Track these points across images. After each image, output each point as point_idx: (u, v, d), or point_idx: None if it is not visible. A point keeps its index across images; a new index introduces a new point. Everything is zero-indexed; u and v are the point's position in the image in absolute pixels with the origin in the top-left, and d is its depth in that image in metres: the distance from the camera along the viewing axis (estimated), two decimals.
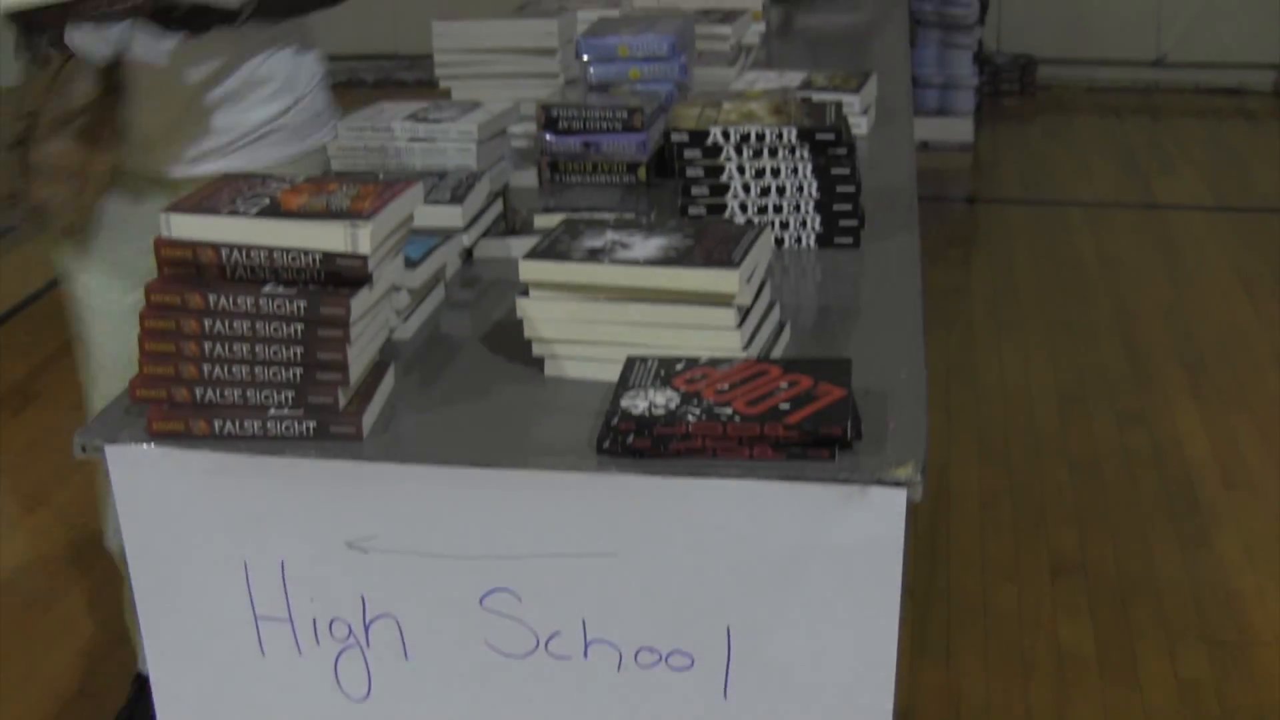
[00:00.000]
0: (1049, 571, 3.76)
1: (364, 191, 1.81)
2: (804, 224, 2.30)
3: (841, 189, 2.28)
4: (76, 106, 2.44)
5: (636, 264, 1.80)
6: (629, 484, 1.63)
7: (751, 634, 1.67)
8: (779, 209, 2.29)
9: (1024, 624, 3.55)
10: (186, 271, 1.76)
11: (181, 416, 1.76)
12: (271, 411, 1.74)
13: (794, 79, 3.05)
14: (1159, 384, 4.85)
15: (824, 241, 2.30)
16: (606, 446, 1.63)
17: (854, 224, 2.30)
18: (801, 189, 2.28)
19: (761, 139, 2.27)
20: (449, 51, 3.01)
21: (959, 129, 7.50)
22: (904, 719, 3.10)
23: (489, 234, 2.36)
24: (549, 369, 1.87)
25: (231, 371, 1.75)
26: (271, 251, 1.72)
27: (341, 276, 1.72)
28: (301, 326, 1.72)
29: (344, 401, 1.74)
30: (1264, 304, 5.49)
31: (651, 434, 1.62)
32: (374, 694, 1.80)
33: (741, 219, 2.30)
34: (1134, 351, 5.11)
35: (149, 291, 1.76)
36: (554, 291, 1.84)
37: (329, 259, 1.71)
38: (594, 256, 1.83)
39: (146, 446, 1.76)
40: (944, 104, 7.52)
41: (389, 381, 1.85)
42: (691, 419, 1.61)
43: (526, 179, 2.69)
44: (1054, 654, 3.42)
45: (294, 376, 1.74)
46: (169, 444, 1.76)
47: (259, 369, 1.74)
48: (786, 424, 1.59)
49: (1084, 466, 4.31)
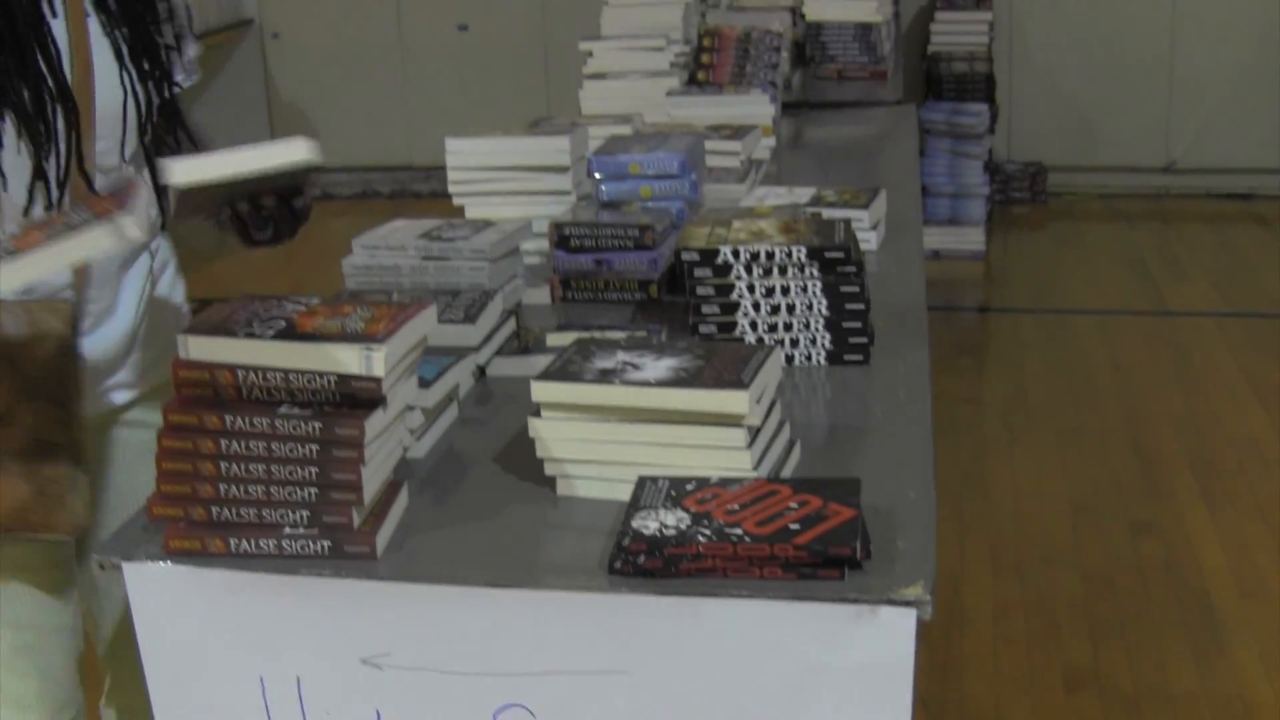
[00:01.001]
0: (1063, 684, 3.76)
1: (378, 314, 1.84)
2: (814, 341, 2.32)
3: (851, 306, 2.30)
4: None
5: (648, 385, 1.82)
6: (640, 603, 1.65)
7: None
8: (789, 326, 2.32)
9: None
10: (203, 393, 1.78)
11: (198, 535, 1.78)
12: (287, 530, 1.76)
13: (804, 195, 3.08)
14: (1172, 492, 4.85)
15: (834, 359, 2.32)
16: (618, 567, 1.65)
17: (863, 341, 2.32)
18: (811, 307, 2.30)
19: (771, 258, 2.29)
20: (462, 169, 3.04)
21: (970, 238, 7.55)
22: None
23: (502, 352, 2.38)
24: (561, 488, 1.89)
25: (247, 491, 1.77)
26: (287, 374, 1.75)
27: (356, 398, 1.75)
28: (316, 447, 1.74)
29: (358, 521, 1.76)
30: (1276, 410, 5.50)
31: (662, 554, 1.63)
32: None
33: (752, 337, 2.32)
34: (1146, 459, 5.12)
35: (167, 412, 1.78)
36: (566, 412, 1.86)
37: (344, 381, 1.73)
38: (605, 378, 1.85)
39: (163, 564, 1.78)
40: (955, 213, 7.57)
41: (403, 500, 1.87)
42: (702, 540, 1.63)
43: (539, 296, 2.71)
44: None
45: (309, 496, 1.76)
46: (185, 562, 1.78)
47: (274, 489, 1.76)
48: (796, 544, 1.61)
49: (1097, 577, 4.31)
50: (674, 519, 1.68)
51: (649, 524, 1.67)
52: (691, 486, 1.75)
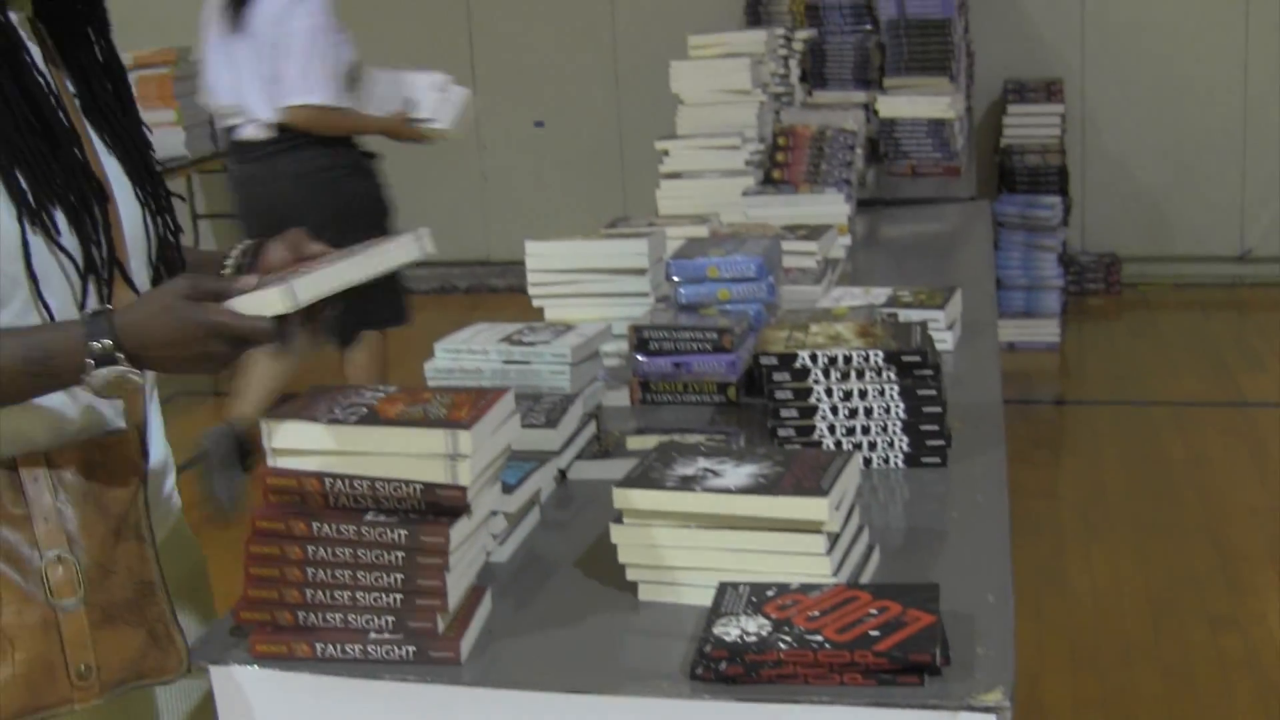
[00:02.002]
0: None
1: (459, 400, 1.87)
2: (891, 444, 2.34)
3: (928, 410, 2.32)
4: None
5: (728, 492, 1.84)
6: (722, 710, 1.66)
7: None
8: (866, 429, 2.34)
9: None
10: (290, 500, 1.82)
11: (284, 639, 1.81)
12: (372, 635, 1.79)
13: (880, 295, 3.10)
14: (1252, 586, 4.82)
15: (911, 461, 2.34)
16: (700, 673, 1.67)
17: (940, 444, 2.34)
18: (889, 410, 2.33)
19: (849, 362, 2.32)
20: (542, 271, 3.08)
21: (1045, 330, 7.54)
22: None
23: (583, 455, 2.41)
24: (643, 594, 1.91)
25: (334, 596, 1.80)
26: (374, 481, 1.78)
27: (441, 506, 1.78)
28: (402, 554, 1.77)
29: (443, 627, 1.78)
30: None
31: (744, 661, 1.65)
32: None
33: (830, 440, 2.35)
34: (1225, 553, 5.08)
35: (255, 519, 1.82)
36: (647, 518, 1.89)
37: (429, 489, 1.76)
38: (686, 484, 1.87)
39: (250, 668, 1.81)
40: (1030, 305, 7.57)
41: (486, 605, 1.89)
42: (783, 646, 1.64)
43: (619, 398, 2.74)
44: None
45: (394, 602, 1.78)
46: (272, 665, 1.81)
47: (360, 594, 1.79)
48: (876, 651, 1.62)
49: (1177, 673, 4.28)
50: (755, 625, 1.70)
51: (730, 630, 1.69)
52: (772, 593, 1.77)
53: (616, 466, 2.22)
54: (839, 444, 2.34)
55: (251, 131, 5.66)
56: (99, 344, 1.77)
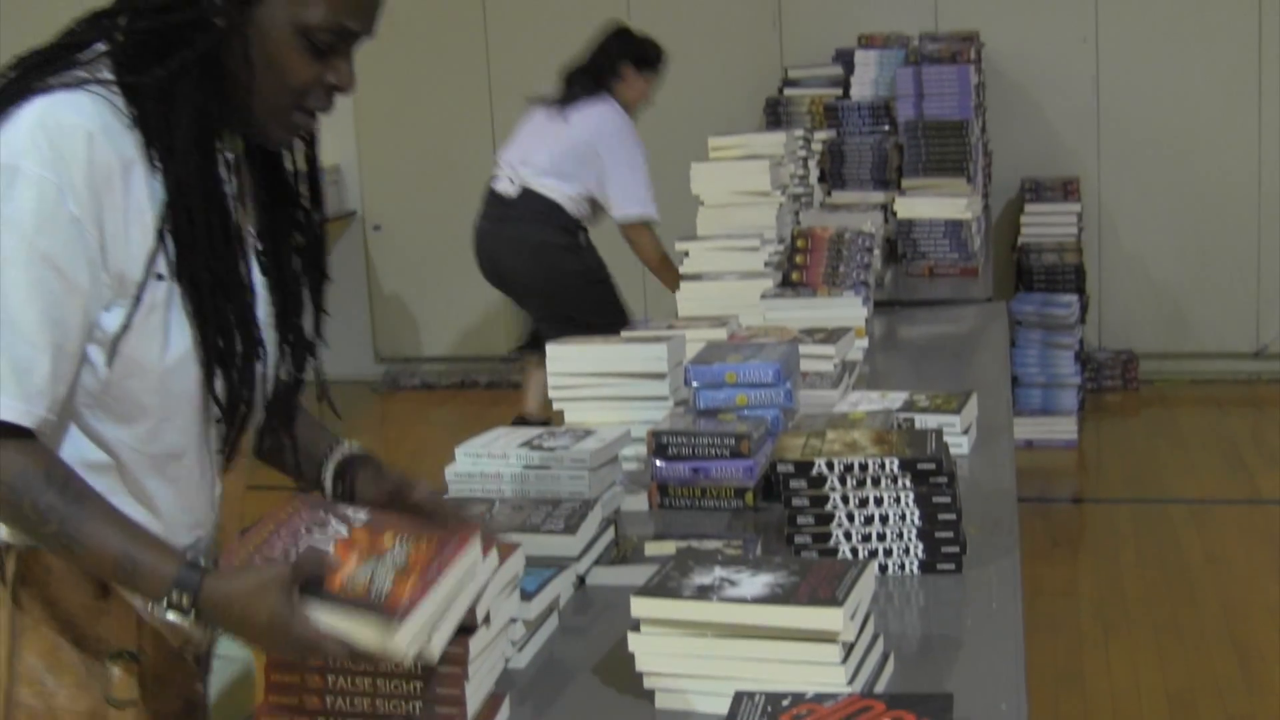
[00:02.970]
0: None
1: (414, 559, 1.81)
2: (906, 550, 2.37)
3: (943, 517, 2.35)
4: None
5: (744, 602, 1.87)
6: None
7: None
8: (882, 536, 2.37)
9: None
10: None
11: None
12: None
13: (896, 400, 3.12)
14: (1270, 685, 4.80)
15: (926, 568, 2.37)
16: None
17: (955, 550, 2.36)
18: (904, 517, 2.35)
19: (865, 469, 2.35)
20: (562, 374, 3.12)
21: (1063, 427, 7.55)
22: None
23: (600, 561, 2.44)
24: (660, 701, 1.93)
25: (353, 704, 1.83)
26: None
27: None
28: (421, 665, 1.80)
29: None
30: None
31: None
32: None
33: (846, 546, 2.37)
34: (1244, 652, 5.07)
35: None
36: (665, 627, 1.91)
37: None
38: (703, 594, 1.90)
39: None
40: (1047, 403, 7.58)
41: (504, 712, 1.92)
42: None
43: (637, 502, 2.77)
44: None
45: (413, 710, 1.82)
46: None
47: (380, 701, 1.82)
48: None
49: None
50: None
51: None
52: (787, 702, 1.79)
53: (634, 573, 2.26)
54: (855, 550, 2.37)
55: (504, 186, 6.79)
56: (179, 595, 1.81)
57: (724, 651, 1.89)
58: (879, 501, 2.36)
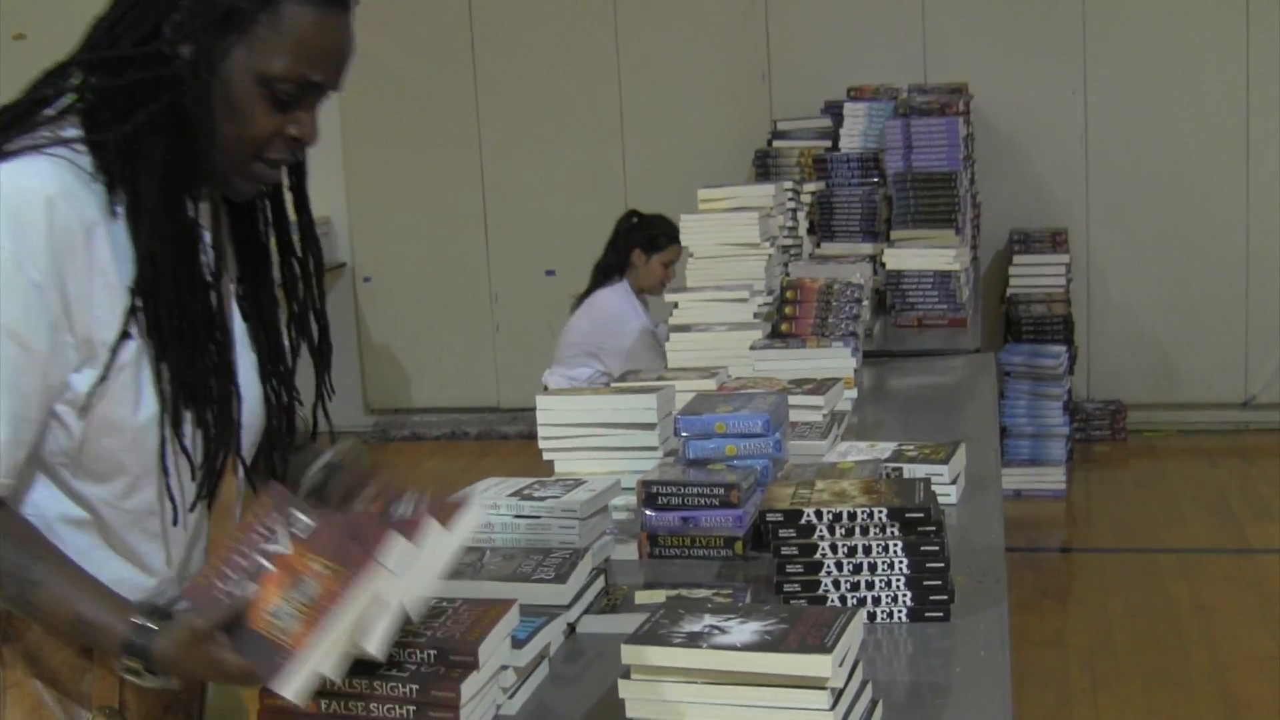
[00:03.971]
0: None
1: (322, 595, 1.81)
2: (895, 599, 2.38)
3: (931, 565, 2.37)
4: None
5: (734, 649, 1.88)
6: None
7: None
8: (870, 585, 2.38)
9: None
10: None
11: None
12: None
13: (885, 450, 3.15)
14: None
15: (915, 616, 2.38)
16: None
17: (943, 599, 2.38)
18: (892, 565, 2.37)
19: (853, 519, 2.37)
20: (552, 425, 3.14)
21: (1051, 477, 7.57)
22: None
23: (591, 609, 2.45)
24: None
25: None
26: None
27: (453, 662, 1.82)
28: (414, 709, 1.81)
29: None
30: None
31: None
32: None
33: (834, 595, 2.39)
34: (1233, 703, 5.08)
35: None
36: (655, 674, 1.92)
37: (442, 654, 1.82)
38: (693, 641, 1.91)
39: None
40: (1035, 453, 7.61)
41: None
42: None
43: (627, 551, 2.79)
44: None
45: None
46: None
47: None
48: None
49: None
50: None
51: None
52: None
53: (624, 621, 2.27)
54: (844, 599, 2.39)
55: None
56: (130, 659, 1.84)
57: (714, 698, 1.90)
58: (867, 550, 2.38)
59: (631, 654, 1.93)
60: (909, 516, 2.36)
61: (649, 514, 2.78)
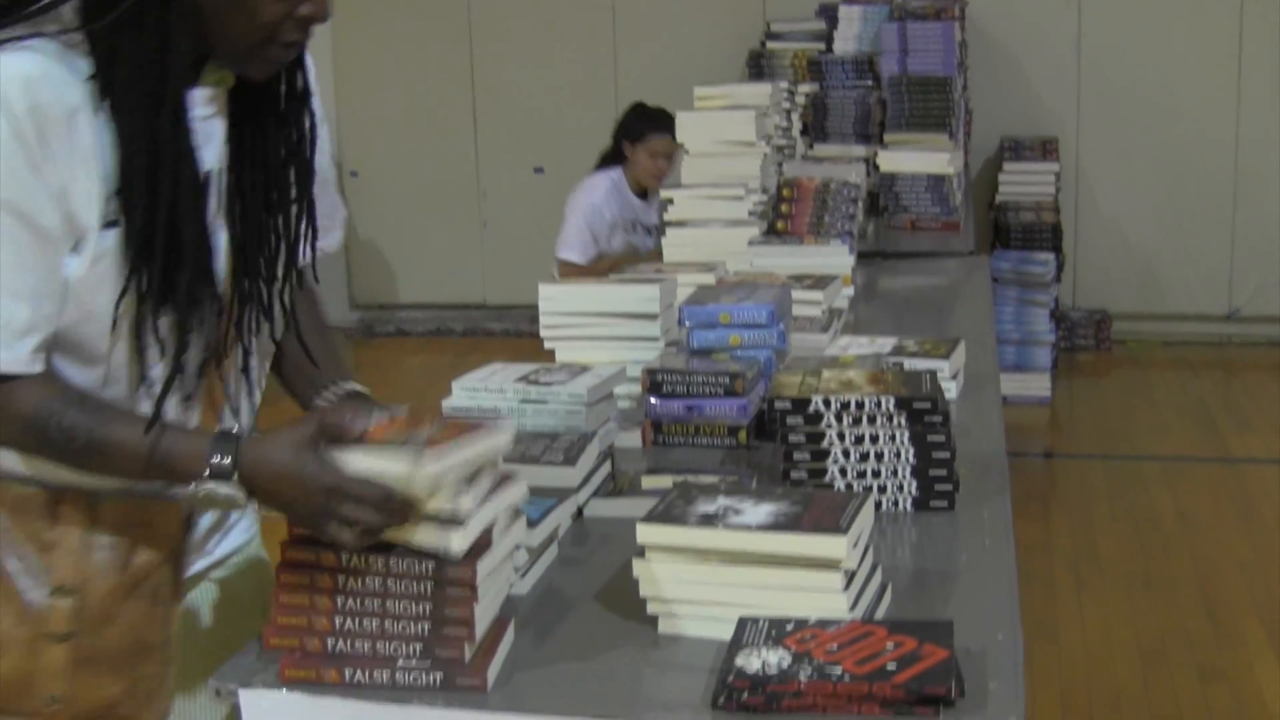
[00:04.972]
0: None
1: (447, 433, 1.85)
2: (900, 488, 2.40)
3: (937, 455, 2.38)
4: None
5: (749, 529, 1.90)
6: None
7: None
8: (877, 473, 2.40)
9: None
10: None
11: (313, 665, 1.84)
12: (400, 663, 1.83)
13: (885, 345, 3.16)
14: (1240, 640, 4.86)
15: (920, 505, 2.40)
16: (722, 703, 1.72)
17: (949, 489, 2.39)
18: (899, 455, 2.38)
19: (861, 407, 2.38)
20: (554, 314, 3.14)
21: (1036, 384, 7.61)
22: None
23: (598, 494, 2.47)
24: (663, 626, 1.96)
25: (362, 625, 1.84)
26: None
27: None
28: (431, 584, 1.82)
29: (469, 655, 1.83)
30: None
31: (765, 691, 1.70)
32: None
33: (841, 483, 2.40)
34: (1214, 606, 5.13)
35: (284, 548, 1.87)
36: (669, 554, 1.94)
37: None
38: (708, 521, 1.93)
39: (280, 692, 1.85)
40: (1021, 360, 7.64)
41: (509, 636, 1.94)
42: (804, 678, 1.70)
43: (631, 439, 2.80)
44: None
45: (422, 630, 1.83)
46: (300, 690, 1.84)
47: (389, 623, 1.84)
48: (894, 683, 1.68)
49: None
50: (776, 657, 1.75)
51: (752, 662, 1.74)
52: (791, 627, 1.82)
53: (631, 505, 2.28)
54: (850, 486, 2.40)
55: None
56: (219, 458, 1.84)
57: (728, 578, 1.91)
58: (874, 439, 2.39)
59: (647, 533, 1.94)
60: (916, 406, 2.38)
61: (653, 401, 2.79)
